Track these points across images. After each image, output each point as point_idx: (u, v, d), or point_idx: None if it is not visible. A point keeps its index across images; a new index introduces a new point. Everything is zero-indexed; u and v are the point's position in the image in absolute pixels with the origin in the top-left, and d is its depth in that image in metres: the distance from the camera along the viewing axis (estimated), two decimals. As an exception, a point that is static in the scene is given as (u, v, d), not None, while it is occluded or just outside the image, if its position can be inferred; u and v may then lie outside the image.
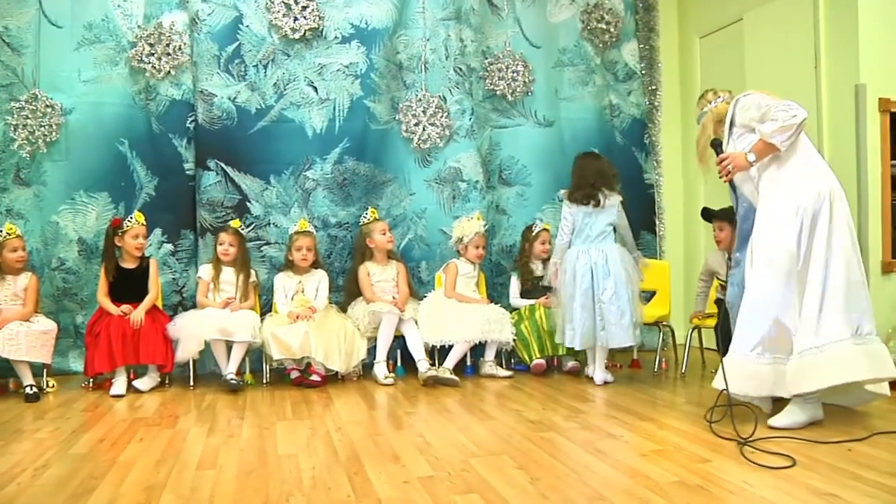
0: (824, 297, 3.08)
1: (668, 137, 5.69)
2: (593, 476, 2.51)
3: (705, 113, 3.52)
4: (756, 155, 3.20)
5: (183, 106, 4.82)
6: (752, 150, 3.20)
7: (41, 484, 2.52)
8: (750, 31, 4.93)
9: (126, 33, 4.78)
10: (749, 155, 3.20)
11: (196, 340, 4.26)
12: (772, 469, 2.54)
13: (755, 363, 3.13)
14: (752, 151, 3.20)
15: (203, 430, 3.28)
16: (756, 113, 3.26)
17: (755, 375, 3.13)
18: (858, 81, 4.13)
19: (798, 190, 3.16)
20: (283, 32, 4.86)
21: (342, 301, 4.82)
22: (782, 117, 3.10)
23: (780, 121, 3.10)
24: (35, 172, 4.67)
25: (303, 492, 2.40)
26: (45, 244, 4.67)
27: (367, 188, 5.02)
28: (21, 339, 4.04)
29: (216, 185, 4.80)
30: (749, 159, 3.21)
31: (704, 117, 3.52)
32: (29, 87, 4.65)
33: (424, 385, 4.24)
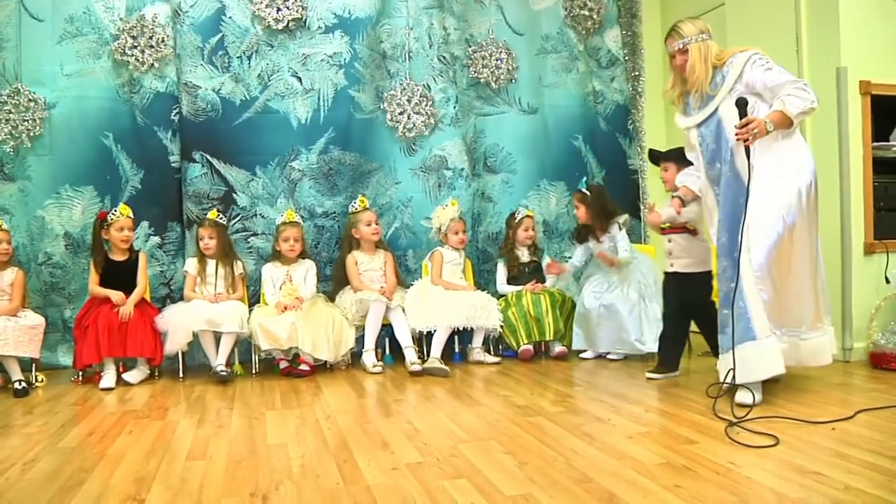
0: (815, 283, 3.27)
1: (651, 123, 5.70)
2: (580, 459, 2.54)
3: (688, 42, 3.37)
4: (773, 127, 3.10)
5: (167, 98, 4.81)
6: (772, 120, 3.10)
7: (30, 478, 2.53)
8: (732, 15, 4.94)
9: (108, 26, 4.75)
10: (769, 124, 3.09)
11: (184, 332, 4.27)
12: (756, 448, 2.57)
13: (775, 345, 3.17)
14: (772, 121, 3.10)
15: (193, 422, 3.29)
16: (769, 78, 3.21)
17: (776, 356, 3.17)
18: (839, 64, 4.15)
19: (797, 169, 3.21)
20: (267, 23, 4.84)
21: (330, 290, 4.83)
22: (805, 98, 3.10)
23: (806, 102, 3.09)
24: (19, 167, 4.64)
25: (292, 480, 2.42)
26: (32, 239, 4.66)
27: (353, 177, 5.02)
28: (9, 334, 4.03)
29: (202, 176, 4.79)
30: (769, 129, 3.10)
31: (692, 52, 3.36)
32: (11, 82, 4.62)
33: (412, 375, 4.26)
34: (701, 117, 3.45)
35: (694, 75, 3.36)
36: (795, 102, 3.10)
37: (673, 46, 3.43)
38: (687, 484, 2.25)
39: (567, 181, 5.41)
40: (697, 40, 3.36)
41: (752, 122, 3.09)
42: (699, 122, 3.46)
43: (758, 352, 3.13)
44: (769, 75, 3.21)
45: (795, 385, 3.60)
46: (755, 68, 3.25)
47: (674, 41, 3.42)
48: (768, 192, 3.17)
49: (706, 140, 3.45)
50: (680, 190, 3.72)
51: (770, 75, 3.22)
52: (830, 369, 3.94)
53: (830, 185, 4.21)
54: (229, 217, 4.81)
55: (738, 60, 3.31)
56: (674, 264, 3.93)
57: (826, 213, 4.24)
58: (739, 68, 3.28)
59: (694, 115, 3.49)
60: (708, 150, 3.46)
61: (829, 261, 4.21)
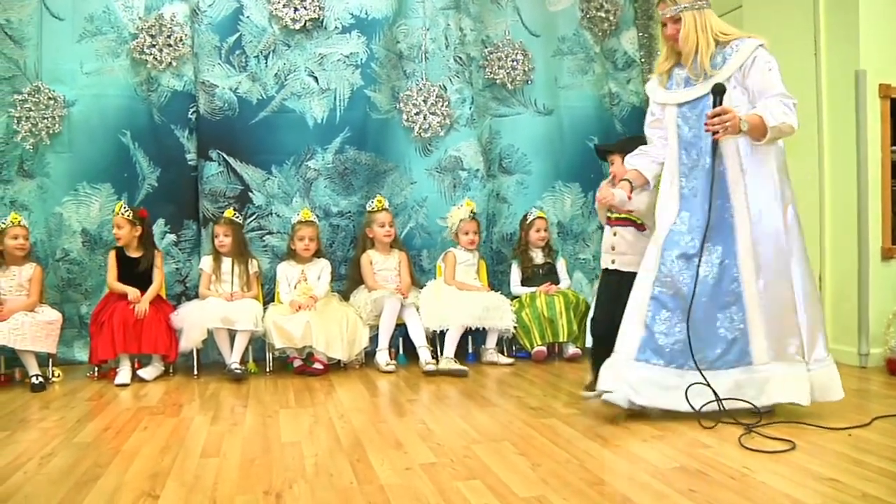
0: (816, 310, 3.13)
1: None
2: (594, 462, 2.53)
3: (682, 9, 3.03)
4: (748, 127, 2.84)
5: (184, 97, 4.83)
6: (748, 121, 2.84)
7: (47, 472, 2.55)
8: (749, 17, 4.91)
9: (127, 25, 4.79)
10: (744, 124, 2.83)
11: (199, 330, 4.29)
12: (772, 454, 2.55)
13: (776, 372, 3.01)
14: (748, 122, 2.84)
15: (207, 419, 3.31)
16: (765, 80, 2.95)
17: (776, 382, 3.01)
18: (858, 67, 4.12)
19: (786, 189, 3.06)
20: (284, 23, 4.86)
21: (344, 289, 4.85)
22: (789, 116, 2.86)
23: (788, 118, 2.85)
24: (38, 164, 4.68)
25: (306, 479, 2.42)
26: (49, 235, 4.69)
27: (369, 177, 5.03)
28: (26, 329, 4.07)
29: (218, 175, 4.81)
30: (743, 128, 2.84)
31: (686, 20, 3.03)
32: (31, 80, 4.66)
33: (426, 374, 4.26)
34: (688, 96, 3.12)
35: (688, 45, 3.04)
36: (777, 114, 2.84)
37: (664, 13, 3.08)
38: (701, 488, 2.24)
39: (582, 183, 5.40)
40: (692, 7, 3.02)
41: (727, 112, 2.83)
42: (682, 101, 3.14)
43: (755, 378, 2.98)
44: (767, 77, 2.95)
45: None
46: (758, 62, 2.97)
47: (665, 7, 3.07)
48: (773, 210, 3.00)
49: (688, 123, 3.13)
50: (629, 173, 3.30)
51: (768, 78, 2.95)
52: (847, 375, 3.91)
53: (847, 189, 4.19)
54: (245, 215, 4.83)
55: (746, 46, 3.00)
56: (615, 261, 3.53)
57: (843, 218, 4.23)
58: (746, 55, 2.98)
59: (678, 91, 3.17)
60: (687, 135, 3.14)
61: (846, 266, 4.21)
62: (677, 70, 3.18)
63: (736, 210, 3.02)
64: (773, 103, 2.88)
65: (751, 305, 2.99)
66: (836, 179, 4.29)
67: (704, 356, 2.99)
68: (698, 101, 3.07)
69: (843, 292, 4.25)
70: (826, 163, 4.34)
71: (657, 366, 2.99)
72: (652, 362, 3.00)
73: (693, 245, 3.03)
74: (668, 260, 3.05)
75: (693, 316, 2.97)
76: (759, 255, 2.99)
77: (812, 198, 4.41)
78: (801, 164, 4.47)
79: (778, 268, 2.99)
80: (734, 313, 3.00)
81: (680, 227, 3.08)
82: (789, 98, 2.91)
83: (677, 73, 3.18)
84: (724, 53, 3.03)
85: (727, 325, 3.01)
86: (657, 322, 3.02)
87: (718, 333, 3.01)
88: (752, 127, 2.85)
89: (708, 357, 2.99)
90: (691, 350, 2.94)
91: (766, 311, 2.98)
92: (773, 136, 2.88)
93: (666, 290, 3.04)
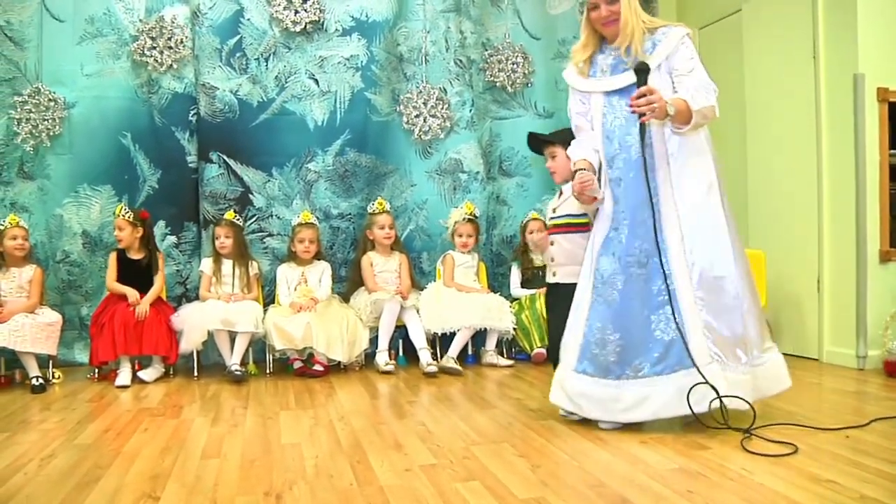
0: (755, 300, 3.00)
1: (668, 128, 5.68)
2: (593, 463, 2.53)
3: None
4: (674, 112, 2.70)
5: (185, 99, 4.84)
6: (674, 104, 2.70)
7: (47, 474, 2.55)
8: (748, 21, 4.93)
9: (128, 27, 4.80)
10: (671, 107, 2.69)
11: (199, 331, 4.30)
12: (773, 457, 2.56)
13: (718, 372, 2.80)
14: (674, 105, 2.70)
15: (207, 420, 3.32)
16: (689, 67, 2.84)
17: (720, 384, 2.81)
18: (857, 71, 4.13)
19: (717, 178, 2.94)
20: (285, 25, 4.88)
21: (345, 291, 4.86)
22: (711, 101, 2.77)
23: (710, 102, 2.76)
24: (39, 166, 4.69)
25: (306, 480, 2.43)
26: (50, 237, 4.70)
27: (369, 180, 5.04)
28: (27, 330, 4.07)
29: (219, 177, 4.82)
30: (669, 111, 2.69)
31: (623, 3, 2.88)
32: (32, 82, 4.67)
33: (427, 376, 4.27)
34: (614, 84, 2.95)
35: (627, 30, 2.87)
36: (699, 98, 2.74)
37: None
38: (700, 490, 2.24)
39: (582, 185, 5.40)
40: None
41: (654, 94, 2.67)
42: (610, 89, 2.96)
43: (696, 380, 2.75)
44: (691, 64, 2.84)
45: (809, 393, 3.58)
46: (683, 49, 2.86)
47: None
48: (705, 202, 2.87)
49: (614, 112, 2.96)
50: (581, 163, 3.00)
51: (691, 64, 2.84)
52: (845, 377, 3.94)
53: (846, 192, 4.20)
54: (245, 217, 4.84)
55: (674, 34, 2.89)
56: (556, 273, 3.30)
57: (841, 221, 4.24)
58: (674, 43, 2.87)
59: (603, 79, 2.98)
60: (611, 125, 2.97)
61: (844, 268, 4.22)
62: (600, 56, 3.02)
63: (664, 203, 2.86)
64: (694, 86, 2.78)
65: (685, 303, 2.80)
66: (835, 182, 4.30)
67: (643, 361, 2.82)
68: (627, 89, 2.87)
69: (842, 295, 4.26)
70: (824, 166, 4.35)
71: (594, 377, 2.88)
72: (589, 373, 2.89)
73: (622, 244, 2.89)
74: (602, 265, 2.93)
75: (625, 320, 2.84)
76: (691, 250, 2.83)
77: (811, 201, 4.42)
78: (800, 168, 4.49)
79: (711, 261, 2.83)
80: (669, 313, 2.80)
81: (611, 225, 2.95)
82: (711, 83, 2.83)
83: (601, 61, 3.01)
84: (653, 39, 2.90)
85: (662, 326, 2.81)
86: (593, 331, 2.90)
87: (654, 336, 2.82)
88: (678, 111, 2.71)
89: (647, 362, 2.81)
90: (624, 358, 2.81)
91: (702, 309, 2.80)
92: (697, 121, 2.75)
93: (601, 297, 2.91)
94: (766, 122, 4.80)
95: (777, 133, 4.70)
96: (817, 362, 4.39)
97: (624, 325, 2.85)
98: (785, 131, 4.63)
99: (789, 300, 4.61)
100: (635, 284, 2.86)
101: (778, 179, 4.70)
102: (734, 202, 4.95)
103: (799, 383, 3.81)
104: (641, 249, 2.86)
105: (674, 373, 2.79)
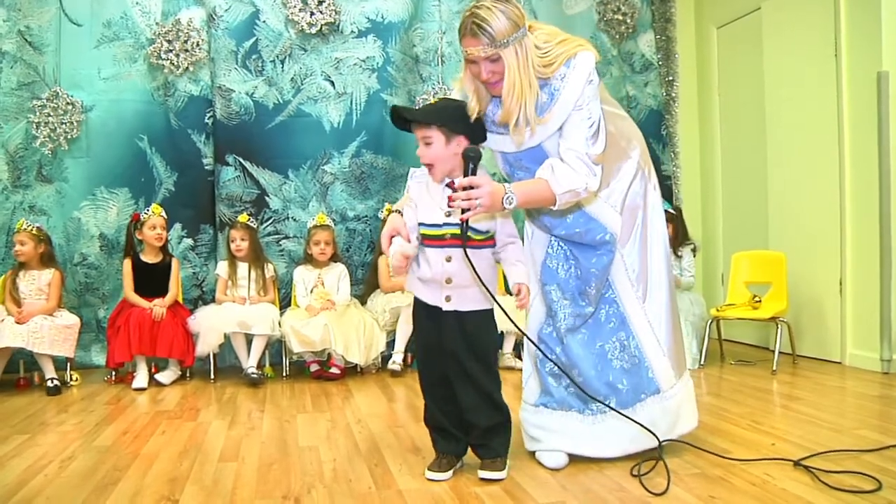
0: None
1: (685, 128, 5.64)
2: (613, 468, 2.50)
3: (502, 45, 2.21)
4: (516, 203, 2.24)
5: (201, 102, 4.85)
6: (523, 192, 2.27)
7: (67, 475, 2.56)
8: (768, 19, 4.88)
9: (144, 30, 4.82)
10: (509, 198, 2.22)
11: (216, 334, 4.30)
12: (857, 493, 2.52)
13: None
14: (520, 195, 2.24)
15: (224, 423, 3.32)
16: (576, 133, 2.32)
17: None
18: (881, 69, 4.07)
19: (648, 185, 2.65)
20: (300, 27, 4.87)
21: (361, 294, 4.84)
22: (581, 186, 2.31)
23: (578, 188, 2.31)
24: (57, 169, 4.72)
25: (324, 483, 2.42)
26: (68, 240, 4.72)
27: (386, 181, 5.03)
28: (45, 332, 4.09)
29: (235, 179, 4.83)
30: (505, 205, 2.22)
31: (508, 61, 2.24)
32: (50, 85, 4.70)
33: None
34: (511, 146, 2.46)
35: (514, 97, 2.27)
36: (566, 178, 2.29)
37: (474, 52, 2.25)
38: (722, 495, 2.21)
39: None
40: (513, 41, 2.22)
41: (480, 187, 2.17)
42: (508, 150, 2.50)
43: (667, 406, 2.58)
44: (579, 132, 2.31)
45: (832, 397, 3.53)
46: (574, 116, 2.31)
47: (477, 43, 2.23)
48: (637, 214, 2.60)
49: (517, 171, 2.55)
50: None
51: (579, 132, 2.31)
52: (869, 381, 3.87)
53: (869, 191, 4.14)
54: (261, 220, 4.84)
55: (580, 73, 2.30)
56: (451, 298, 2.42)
57: (864, 221, 4.18)
58: (580, 87, 2.30)
59: (500, 136, 2.47)
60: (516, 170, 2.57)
61: (867, 269, 4.16)
62: (492, 109, 2.43)
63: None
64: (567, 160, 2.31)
65: (638, 326, 2.57)
66: (858, 182, 4.24)
67: (608, 396, 2.53)
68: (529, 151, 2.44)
69: (865, 296, 4.20)
70: (847, 165, 4.29)
71: (557, 411, 2.58)
72: (551, 407, 2.59)
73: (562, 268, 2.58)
74: (547, 292, 2.60)
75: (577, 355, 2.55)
76: (632, 268, 2.58)
77: (832, 201, 4.37)
78: (821, 167, 4.44)
79: (653, 273, 2.61)
80: (622, 339, 2.56)
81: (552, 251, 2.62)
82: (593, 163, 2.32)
83: (491, 112, 2.43)
84: (551, 87, 2.32)
85: (618, 353, 2.55)
86: (546, 363, 2.59)
87: (613, 366, 2.54)
88: (526, 199, 2.29)
89: (611, 396, 2.54)
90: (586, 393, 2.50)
91: (658, 329, 2.59)
92: (563, 203, 2.33)
93: (548, 328, 2.62)
94: (786, 121, 4.75)
95: (798, 133, 4.65)
96: (840, 365, 4.33)
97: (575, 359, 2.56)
98: (806, 131, 4.57)
99: (811, 302, 4.55)
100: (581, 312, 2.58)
101: (799, 179, 4.65)
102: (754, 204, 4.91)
103: (822, 387, 3.79)
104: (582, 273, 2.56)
105: (641, 402, 2.56)
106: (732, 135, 5.37)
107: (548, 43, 2.32)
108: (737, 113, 5.31)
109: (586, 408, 2.56)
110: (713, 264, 5.56)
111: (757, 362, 4.50)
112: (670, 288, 2.66)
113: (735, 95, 5.33)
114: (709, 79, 5.57)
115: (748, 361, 4.54)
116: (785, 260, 4.48)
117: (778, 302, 4.42)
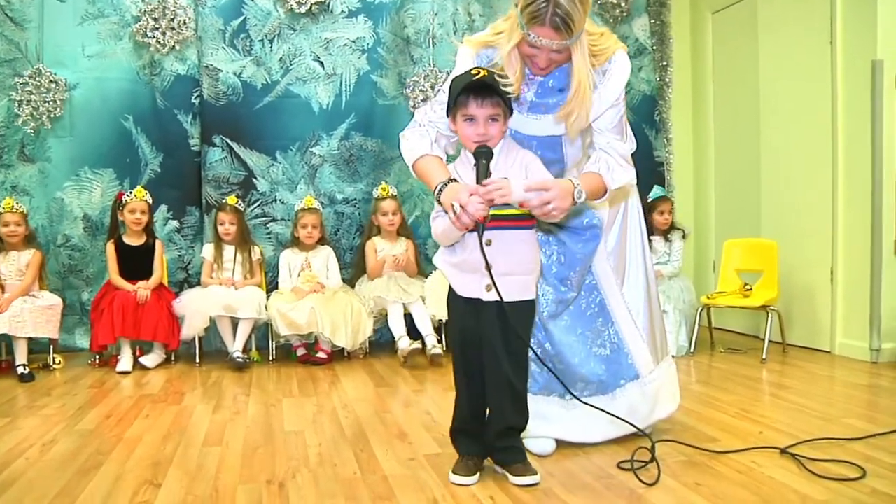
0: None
1: (678, 114, 5.61)
2: (600, 455, 2.48)
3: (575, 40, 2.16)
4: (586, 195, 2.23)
5: (188, 81, 4.78)
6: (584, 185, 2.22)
7: (49, 459, 2.53)
8: (764, 6, 4.84)
9: (130, 7, 4.72)
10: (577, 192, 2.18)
11: (201, 317, 4.26)
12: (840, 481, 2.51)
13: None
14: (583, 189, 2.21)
15: (209, 407, 3.28)
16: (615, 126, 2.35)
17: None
18: (875, 57, 4.04)
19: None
20: (289, 6, 4.80)
21: (350, 277, 4.80)
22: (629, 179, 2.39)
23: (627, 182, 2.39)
24: (40, 149, 4.64)
25: (309, 468, 2.39)
26: (51, 221, 4.65)
27: (375, 164, 4.98)
28: (26, 315, 4.02)
29: (222, 161, 4.76)
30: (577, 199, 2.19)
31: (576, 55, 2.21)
32: (33, 63, 4.61)
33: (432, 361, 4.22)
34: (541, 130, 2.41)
35: (581, 94, 2.23)
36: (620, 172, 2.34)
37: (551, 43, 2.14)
38: (708, 482, 2.20)
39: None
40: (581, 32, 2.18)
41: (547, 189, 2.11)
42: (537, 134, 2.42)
43: (647, 391, 2.59)
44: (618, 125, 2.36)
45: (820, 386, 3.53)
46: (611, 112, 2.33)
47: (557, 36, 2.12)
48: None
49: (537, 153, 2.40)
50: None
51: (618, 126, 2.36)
52: (858, 371, 3.88)
53: (862, 181, 4.12)
54: (249, 202, 4.78)
55: (621, 72, 2.32)
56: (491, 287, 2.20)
57: (856, 210, 4.17)
58: (621, 86, 2.32)
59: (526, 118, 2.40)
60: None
61: (858, 259, 4.15)
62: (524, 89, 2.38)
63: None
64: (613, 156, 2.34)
65: (618, 312, 2.58)
66: (850, 171, 4.22)
67: (589, 383, 2.52)
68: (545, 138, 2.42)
69: (856, 286, 4.19)
70: (840, 154, 4.27)
71: (539, 395, 2.53)
72: (533, 392, 2.49)
73: (544, 255, 2.50)
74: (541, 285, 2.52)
75: (559, 342, 2.51)
76: (612, 255, 2.61)
77: (825, 190, 4.35)
78: (814, 156, 4.42)
79: (631, 260, 2.65)
80: (602, 326, 2.56)
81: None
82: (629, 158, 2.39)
83: (531, 93, 2.39)
84: (601, 70, 2.31)
85: (599, 340, 2.55)
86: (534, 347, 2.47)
87: (594, 353, 2.54)
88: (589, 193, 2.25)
89: (593, 382, 2.53)
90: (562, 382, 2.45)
91: (636, 315, 2.62)
92: (608, 198, 2.39)
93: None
94: (780, 109, 4.72)
95: (792, 121, 4.62)
96: (829, 355, 4.32)
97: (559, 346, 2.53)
98: (800, 119, 4.55)
99: (802, 291, 4.54)
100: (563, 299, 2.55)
101: (791, 168, 4.63)
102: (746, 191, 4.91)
103: (811, 376, 3.79)
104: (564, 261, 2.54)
105: (620, 388, 2.56)
106: (726, 121, 5.34)
107: (593, 35, 2.28)
108: (731, 99, 5.28)
109: (566, 392, 2.50)
110: (705, 251, 5.54)
111: (747, 350, 4.49)
112: (648, 274, 2.68)
113: (729, 82, 5.30)
114: (703, 64, 5.53)
115: (738, 349, 4.53)
116: (777, 248, 4.46)
117: (769, 290, 4.41)
